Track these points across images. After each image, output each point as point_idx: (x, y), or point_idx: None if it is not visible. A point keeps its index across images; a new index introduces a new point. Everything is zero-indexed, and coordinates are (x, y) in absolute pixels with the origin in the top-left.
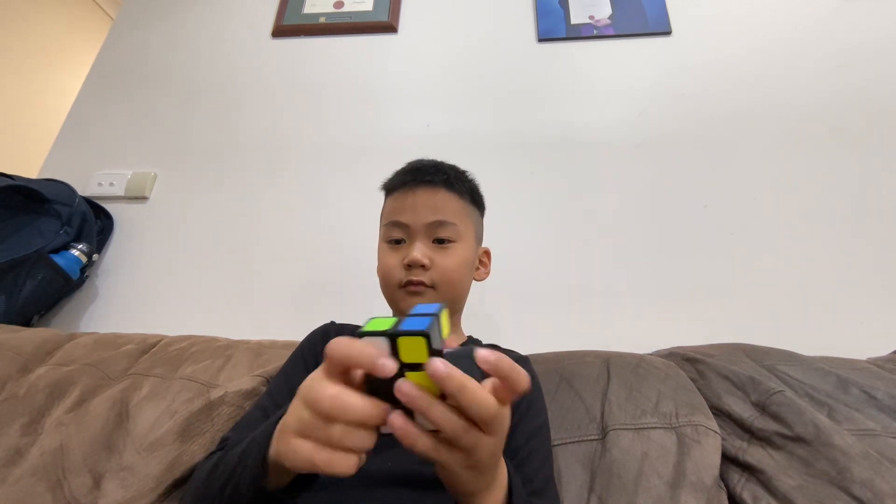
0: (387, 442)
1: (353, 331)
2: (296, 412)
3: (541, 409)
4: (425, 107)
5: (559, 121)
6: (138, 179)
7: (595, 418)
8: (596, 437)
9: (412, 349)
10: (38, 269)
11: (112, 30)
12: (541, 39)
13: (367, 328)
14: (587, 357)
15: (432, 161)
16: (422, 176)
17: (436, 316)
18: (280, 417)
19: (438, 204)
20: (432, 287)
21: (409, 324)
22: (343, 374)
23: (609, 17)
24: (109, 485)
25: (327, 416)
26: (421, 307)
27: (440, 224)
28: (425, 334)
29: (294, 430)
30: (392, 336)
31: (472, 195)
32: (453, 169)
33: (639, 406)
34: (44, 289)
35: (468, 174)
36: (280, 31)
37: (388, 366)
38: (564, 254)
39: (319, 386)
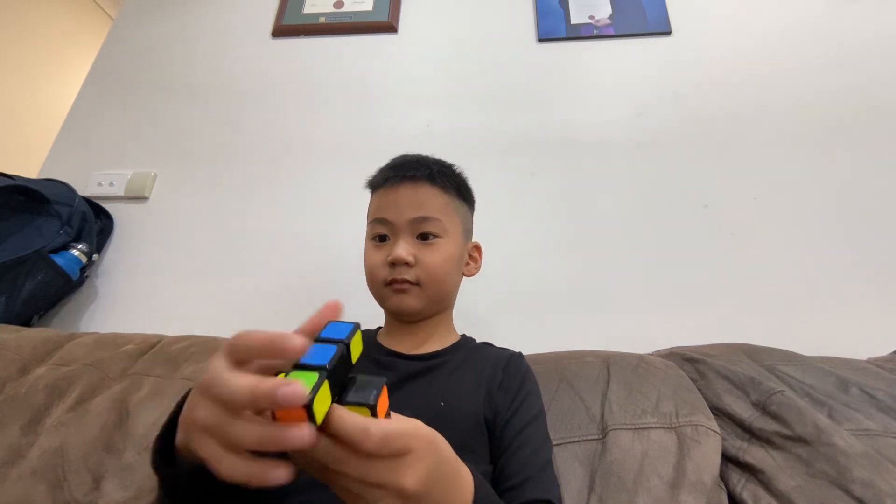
0: None
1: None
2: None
3: (535, 401)
4: (425, 107)
5: (559, 121)
6: (138, 179)
7: (595, 418)
8: (596, 437)
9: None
10: (38, 269)
11: (112, 30)
12: (541, 39)
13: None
14: (587, 357)
15: (416, 156)
16: (404, 171)
17: (343, 343)
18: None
19: (422, 199)
20: (417, 284)
21: (312, 355)
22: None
23: (609, 17)
24: (109, 485)
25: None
26: (333, 326)
27: (424, 220)
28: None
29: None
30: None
31: (458, 189)
32: (437, 163)
33: (639, 406)
34: (44, 289)
35: (455, 168)
36: (280, 31)
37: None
38: (564, 253)
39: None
